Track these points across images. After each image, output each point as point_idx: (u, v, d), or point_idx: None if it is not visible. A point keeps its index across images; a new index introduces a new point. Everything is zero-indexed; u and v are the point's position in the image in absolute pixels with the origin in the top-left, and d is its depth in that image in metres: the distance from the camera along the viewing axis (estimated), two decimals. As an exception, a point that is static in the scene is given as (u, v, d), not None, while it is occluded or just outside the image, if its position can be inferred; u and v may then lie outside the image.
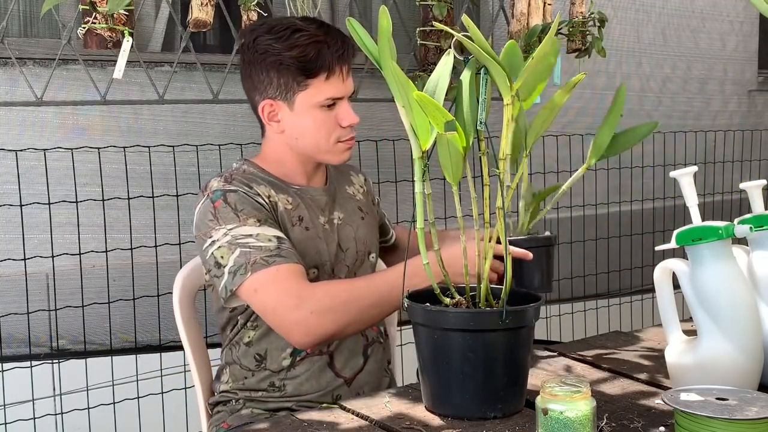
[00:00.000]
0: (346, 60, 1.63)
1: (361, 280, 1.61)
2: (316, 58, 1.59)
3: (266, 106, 1.66)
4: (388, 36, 1.24)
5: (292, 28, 1.61)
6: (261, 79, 1.64)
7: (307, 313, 1.51)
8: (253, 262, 1.53)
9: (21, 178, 2.45)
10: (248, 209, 1.59)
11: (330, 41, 1.60)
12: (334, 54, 1.60)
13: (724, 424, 1.07)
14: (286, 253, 1.56)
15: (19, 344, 2.60)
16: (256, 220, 1.58)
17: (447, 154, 1.26)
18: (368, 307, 1.55)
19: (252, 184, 1.63)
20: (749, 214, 1.50)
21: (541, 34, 2.61)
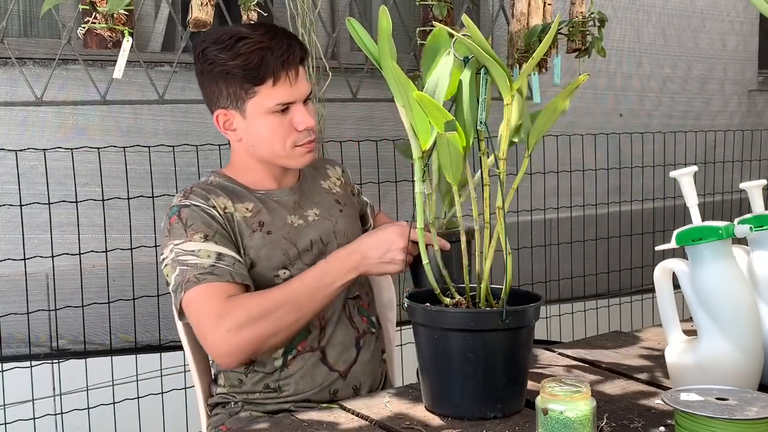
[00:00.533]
0: (292, 64, 1.61)
1: (277, 289, 1.59)
2: (260, 65, 1.58)
3: (220, 116, 1.68)
4: (388, 36, 1.24)
5: (236, 36, 1.60)
6: (212, 90, 1.66)
7: (225, 331, 1.52)
8: (187, 280, 1.56)
9: (21, 178, 2.45)
10: (197, 224, 1.60)
11: (274, 46, 1.59)
12: (278, 59, 1.59)
13: (724, 424, 1.07)
14: (220, 270, 1.56)
15: (19, 344, 2.60)
16: (202, 235, 1.59)
17: (447, 154, 1.26)
18: (287, 314, 1.55)
19: (210, 197, 1.64)
20: (749, 214, 1.50)
21: (541, 34, 2.61)
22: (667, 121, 4.30)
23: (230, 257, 1.59)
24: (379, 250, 1.56)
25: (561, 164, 3.48)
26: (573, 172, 3.59)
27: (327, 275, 1.57)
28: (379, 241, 1.56)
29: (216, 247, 1.58)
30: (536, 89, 2.73)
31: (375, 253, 1.56)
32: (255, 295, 1.57)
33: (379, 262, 1.56)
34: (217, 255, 1.58)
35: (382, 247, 1.55)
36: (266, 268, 1.65)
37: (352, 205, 1.88)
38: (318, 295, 1.57)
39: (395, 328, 2.02)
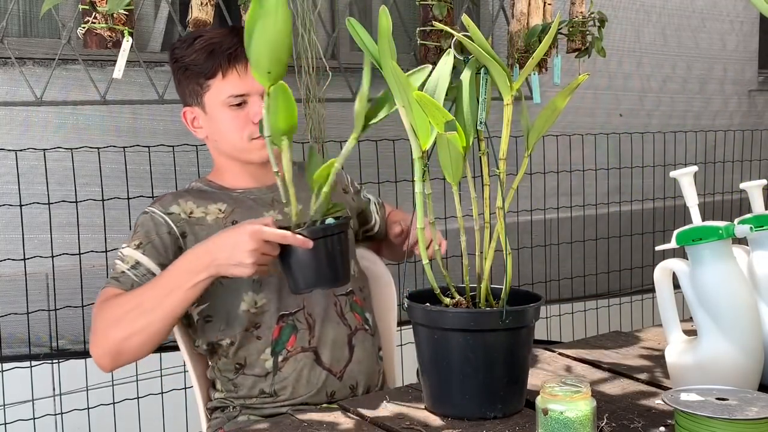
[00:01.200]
0: (241, 57, 1.65)
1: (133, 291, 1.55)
2: (208, 58, 1.66)
3: (187, 113, 1.75)
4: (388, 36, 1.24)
5: (195, 35, 1.71)
6: (179, 88, 1.75)
7: (93, 334, 1.55)
8: (105, 285, 1.61)
9: (21, 178, 2.45)
10: (140, 232, 1.65)
11: (225, 42, 1.66)
12: (225, 53, 1.65)
13: (724, 424, 1.07)
14: (125, 278, 1.59)
15: (19, 344, 2.60)
16: (137, 243, 1.63)
17: (447, 154, 1.26)
18: (137, 318, 1.52)
19: (173, 205, 1.68)
20: (749, 214, 1.50)
21: (541, 34, 2.61)
22: (667, 121, 4.30)
23: (145, 268, 1.60)
24: (226, 252, 1.46)
25: (561, 164, 3.48)
26: (573, 172, 3.59)
27: (176, 277, 1.51)
28: (227, 241, 1.47)
29: (139, 257, 1.61)
30: (536, 89, 2.74)
31: (223, 255, 1.47)
32: (119, 297, 1.55)
33: (227, 264, 1.46)
34: (135, 263, 1.60)
35: (230, 248, 1.46)
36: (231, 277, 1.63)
37: (344, 203, 1.86)
38: (167, 299, 1.50)
39: (395, 328, 2.02)
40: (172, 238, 1.65)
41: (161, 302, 1.50)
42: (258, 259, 1.44)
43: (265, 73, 1.33)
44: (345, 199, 1.90)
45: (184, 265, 1.51)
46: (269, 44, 1.30)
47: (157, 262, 1.61)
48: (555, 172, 3.44)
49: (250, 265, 1.45)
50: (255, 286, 1.65)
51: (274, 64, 1.33)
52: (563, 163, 3.51)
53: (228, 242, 1.46)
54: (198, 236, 1.65)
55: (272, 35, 1.29)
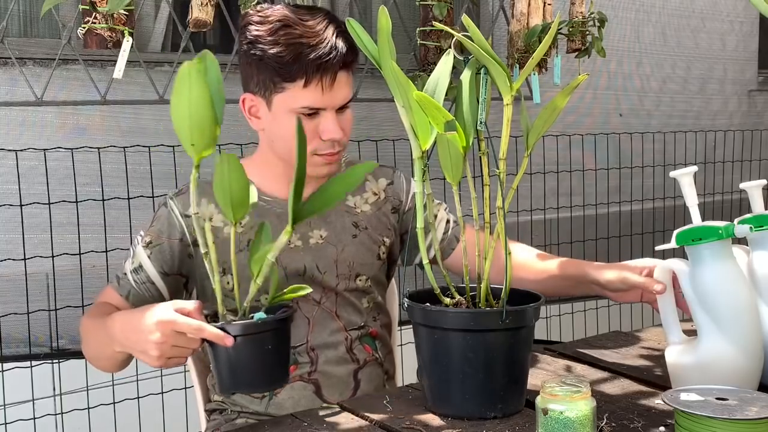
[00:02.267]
0: (330, 69, 1.46)
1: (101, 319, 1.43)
2: (293, 62, 1.45)
3: (247, 99, 1.57)
4: (388, 36, 1.24)
5: (283, 22, 1.46)
6: (246, 70, 1.55)
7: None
8: (114, 275, 1.58)
9: (21, 178, 2.45)
10: (154, 228, 1.57)
11: (317, 46, 1.45)
12: (315, 61, 1.44)
13: (724, 424, 1.07)
14: (125, 283, 1.55)
15: (19, 344, 2.60)
16: (148, 241, 1.56)
17: (447, 154, 1.26)
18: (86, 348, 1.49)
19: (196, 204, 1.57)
20: (749, 214, 1.50)
21: (541, 34, 2.61)
22: (667, 121, 4.30)
23: (145, 275, 1.55)
24: (134, 335, 1.31)
25: (561, 164, 3.48)
26: (573, 172, 3.59)
27: (109, 334, 1.38)
28: (138, 324, 1.30)
29: (144, 259, 1.55)
30: (536, 89, 2.73)
31: (132, 337, 1.32)
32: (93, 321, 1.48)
33: (134, 349, 1.33)
34: (138, 266, 1.55)
35: (138, 332, 1.30)
36: (242, 296, 1.54)
37: (383, 229, 1.68)
38: (107, 349, 1.42)
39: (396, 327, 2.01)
40: (182, 246, 1.56)
41: (104, 350, 1.44)
42: (165, 352, 1.29)
43: (188, 145, 1.23)
44: (386, 223, 1.69)
45: (113, 326, 1.37)
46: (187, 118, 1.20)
47: (159, 269, 1.55)
48: (555, 172, 3.44)
49: (154, 358, 1.29)
50: None
51: (196, 136, 1.22)
52: (563, 163, 3.51)
53: (138, 325, 1.30)
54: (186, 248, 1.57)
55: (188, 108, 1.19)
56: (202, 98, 1.18)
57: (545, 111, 1.32)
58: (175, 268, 1.57)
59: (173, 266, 1.57)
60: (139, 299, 1.55)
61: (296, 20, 1.47)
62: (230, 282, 1.55)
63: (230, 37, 2.51)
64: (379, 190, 1.71)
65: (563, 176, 3.52)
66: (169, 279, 1.57)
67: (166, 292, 1.58)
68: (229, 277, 1.56)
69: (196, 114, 1.19)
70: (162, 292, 1.57)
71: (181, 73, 1.16)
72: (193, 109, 1.18)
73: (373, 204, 1.69)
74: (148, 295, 1.56)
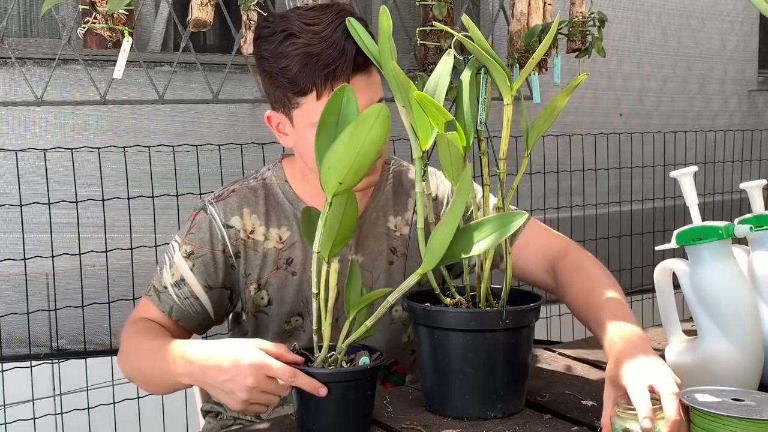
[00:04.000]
0: (341, 76, 1.35)
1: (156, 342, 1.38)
2: (301, 74, 1.36)
3: (273, 117, 1.47)
4: (389, 36, 1.24)
5: (288, 31, 1.37)
6: (264, 88, 1.47)
7: (119, 350, 1.46)
8: (149, 284, 1.51)
9: (21, 178, 2.45)
10: (195, 236, 1.49)
11: (323, 54, 1.34)
12: (322, 71, 1.35)
13: (746, 423, 1.05)
14: (166, 298, 1.48)
15: (19, 344, 2.60)
16: (189, 250, 1.48)
17: (447, 154, 1.26)
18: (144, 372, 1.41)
19: (237, 215, 1.49)
20: (749, 214, 1.50)
21: (541, 34, 2.61)
22: (667, 121, 4.30)
23: (188, 289, 1.47)
24: (220, 375, 1.22)
25: (561, 164, 3.48)
26: (573, 172, 3.59)
27: (167, 364, 1.31)
28: (226, 364, 1.22)
29: (186, 272, 1.47)
30: (536, 89, 2.73)
31: (217, 377, 1.23)
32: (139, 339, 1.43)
33: (217, 389, 1.24)
34: (180, 279, 1.47)
35: (224, 373, 1.22)
36: (278, 311, 1.51)
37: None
38: (156, 379, 1.38)
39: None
40: (224, 257, 1.49)
41: (162, 378, 1.36)
42: (253, 397, 1.22)
43: (334, 182, 1.15)
44: None
45: (178, 358, 1.30)
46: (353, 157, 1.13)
47: (204, 283, 1.47)
48: (555, 172, 3.44)
49: (239, 401, 1.22)
50: (284, 336, 1.52)
51: (350, 176, 1.14)
52: (563, 163, 3.51)
53: (223, 364, 1.22)
54: (249, 261, 1.49)
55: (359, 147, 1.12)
56: (377, 143, 1.13)
57: (545, 111, 1.32)
58: (219, 281, 1.49)
59: (217, 279, 1.49)
60: (183, 315, 1.48)
61: (301, 27, 1.37)
62: (264, 298, 1.51)
63: (230, 37, 2.51)
64: None
65: (563, 176, 3.52)
66: (212, 293, 1.49)
67: (210, 308, 1.50)
68: (263, 292, 1.51)
69: (364, 156, 1.13)
70: (206, 307, 1.50)
71: (369, 112, 1.11)
72: (364, 149, 1.13)
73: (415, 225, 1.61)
74: (191, 310, 1.49)
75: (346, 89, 1.19)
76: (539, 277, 1.55)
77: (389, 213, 1.57)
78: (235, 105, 2.92)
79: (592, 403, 1.37)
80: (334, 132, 1.18)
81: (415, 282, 1.21)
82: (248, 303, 1.53)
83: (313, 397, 1.20)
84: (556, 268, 1.50)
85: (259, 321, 1.54)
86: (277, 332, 1.53)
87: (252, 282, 1.51)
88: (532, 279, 1.56)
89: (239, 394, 1.21)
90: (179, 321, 1.49)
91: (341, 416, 1.21)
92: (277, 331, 1.53)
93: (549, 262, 1.53)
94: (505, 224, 1.17)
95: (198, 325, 1.53)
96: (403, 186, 1.60)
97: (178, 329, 1.50)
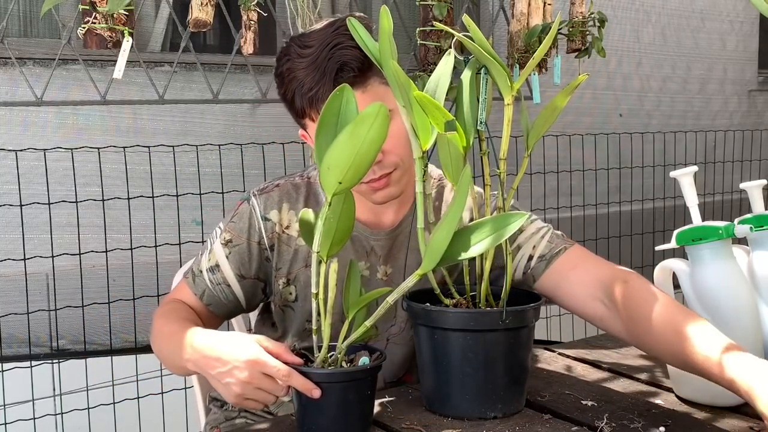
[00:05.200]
0: (321, 99, 1.35)
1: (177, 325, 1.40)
2: (294, 99, 1.41)
3: (303, 136, 1.51)
4: (389, 36, 1.24)
5: (288, 55, 1.41)
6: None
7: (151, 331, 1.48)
8: (189, 268, 1.55)
9: (21, 178, 2.45)
10: (235, 225, 1.51)
11: (308, 77, 1.37)
12: (306, 95, 1.38)
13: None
14: (200, 281, 1.51)
15: (19, 344, 2.60)
16: (228, 237, 1.51)
17: (447, 154, 1.26)
18: (162, 352, 1.44)
19: (275, 209, 1.50)
20: (749, 214, 1.50)
21: (541, 34, 2.61)
22: (666, 121, 4.31)
23: (221, 275, 1.50)
24: (219, 367, 1.25)
25: (561, 164, 3.48)
26: (573, 172, 3.59)
27: (182, 350, 1.33)
28: (227, 356, 1.24)
29: (222, 259, 1.50)
30: (536, 89, 2.73)
31: (217, 367, 1.25)
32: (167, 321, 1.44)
33: (215, 381, 1.27)
34: (215, 265, 1.50)
35: (223, 365, 1.24)
36: (302, 309, 1.54)
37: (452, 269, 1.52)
38: (169, 359, 1.41)
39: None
40: (260, 249, 1.51)
41: (177, 361, 1.37)
42: (247, 393, 1.23)
43: (334, 181, 1.15)
44: None
45: (193, 345, 1.31)
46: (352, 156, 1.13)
47: (237, 271, 1.50)
48: (555, 172, 3.44)
49: (233, 395, 1.24)
50: (303, 335, 1.55)
51: (349, 175, 1.15)
52: (563, 163, 3.51)
53: (224, 356, 1.24)
54: (282, 255, 1.51)
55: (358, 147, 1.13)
56: (376, 142, 1.13)
57: (545, 111, 1.32)
58: (252, 271, 1.52)
59: (250, 269, 1.52)
60: (214, 300, 1.51)
61: (297, 51, 1.40)
62: (292, 293, 1.54)
63: (230, 37, 2.51)
64: None
65: (563, 176, 3.52)
66: (245, 282, 1.52)
67: (242, 296, 1.53)
68: (291, 288, 1.54)
69: (364, 155, 1.13)
70: (237, 295, 1.52)
71: (368, 111, 1.10)
72: (363, 149, 1.13)
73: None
74: (222, 297, 1.51)
75: (345, 89, 1.20)
76: (588, 306, 1.44)
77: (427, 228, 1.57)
78: (235, 105, 2.92)
79: (591, 403, 1.37)
80: (333, 132, 1.19)
81: (414, 282, 1.21)
82: (277, 296, 1.56)
83: (304, 398, 1.21)
84: (614, 296, 1.38)
85: (285, 315, 1.57)
86: (298, 330, 1.56)
87: (282, 276, 1.54)
88: (580, 308, 1.46)
89: (233, 387, 1.23)
90: (210, 306, 1.52)
91: (341, 416, 1.21)
92: (298, 328, 1.56)
93: (603, 289, 1.41)
94: (504, 225, 1.17)
95: (228, 312, 1.56)
96: (443, 202, 1.58)
97: (207, 313, 1.53)
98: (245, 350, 1.23)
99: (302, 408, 1.23)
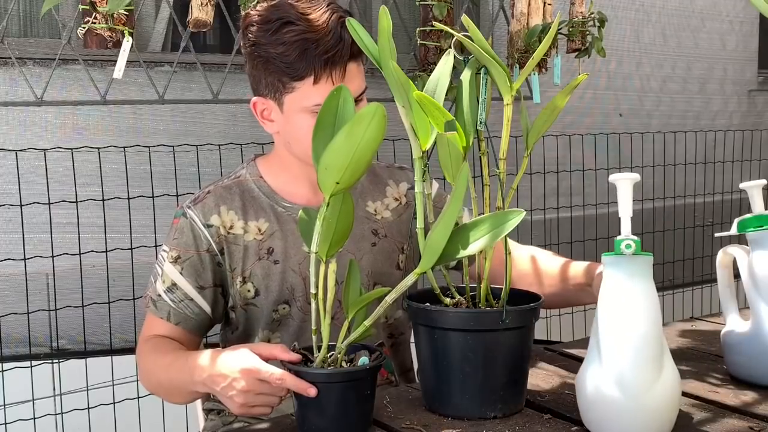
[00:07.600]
0: (339, 62, 1.42)
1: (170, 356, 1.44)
2: (300, 59, 1.41)
3: (258, 103, 1.53)
4: (389, 36, 1.24)
5: (284, 19, 1.42)
6: (252, 74, 1.51)
7: (138, 370, 1.54)
8: (146, 296, 1.56)
9: (21, 178, 2.45)
10: (179, 241, 1.53)
11: (322, 40, 1.41)
12: (322, 56, 1.41)
13: None
14: (162, 305, 1.52)
15: (19, 344, 2.60)
16: (175, 256, 1.53)
17: (447, 154, 1.26)
18: (164, 386, 1.48)
19: (215, 213, 1.53)
20: (749, 214, 1.51)
21: (541, 34, 2.61)
22: (666, 121, 4.30)
23: (182, 292, 1.52)
24: (221, 381, 1.29)
25: (561, 164, 3.48)
26: (573, 172, 3.59)
27: (184, 375, 1.38)
28: (224, 371, 1.28)
29: (176, 277, 1.52)
30: (536, 89, 2.74)
31: (220, 381, 1.29)
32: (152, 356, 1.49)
33: (220, 395, 1.31)
34: (171, 284, 1.52)
35: (224, 379, 1.28)
36: (265, 301, 1.55)
37: (402, 237, 1.65)
38: (175, 390, 1.46)
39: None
40: (210, 256, 1.53)
41: (170, 389, 1.46)
42: (249, 401, 1.28)
43: (332, 181, 1.16)
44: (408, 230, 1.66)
45: (189, 369, 1.36)
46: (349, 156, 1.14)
47: (195, 284, 1.52)
48: (555, 172, 3.44)
49: (238, 405, 1.29)
50: (273, 326, 1.57)
51: (347, 175, 1.15)
52: (563, 163, 3.51)
53: (223, 370, 1.29)
54: (233, 255, 1.54)
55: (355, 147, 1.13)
56: (374, 142, 1.14)
57: (545, 111, 1.32)
58: (209, 280, 1.54)
59: (207, 279, 1.54)
60: (181, 318, 1.53)
61: (298, 15, 1.43)
62: (251, 290, 1.55)
63: (230, 37, 2.51)
64: (400, 194, 1.69)
65: (563, 176, 3.52)
66: (206, 292, 1.54)
67: (207, 307, 1.55)
68: (249, 285, 1.55)
69: (361, 155, 1.14)
70: (202, 306, 1.54)
71: (365, 111, 1.11)
72: (360, 149, 1.13)
73: (394, 210, 1.67)
74: (188, 312, 1.53)
75: (342, 89, 1.21)
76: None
77: (367, 198, 1.64)
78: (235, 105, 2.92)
79: (592, 403, 1.37)
80: (330, 132, 1.19)
81: (413, 281, 1.22)
82: (237, 297, 1.57)
83: (303, 398, 1.21)
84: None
85: (249, 314, 1.58)
86: (267, 322, 1.57)
87: (237, 275, 1.55)
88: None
89: (236, 398, 1.28)
90: (179, 324, 1.53)
91: (341, 416, 1.22)
92: (266, 321, 1.57)
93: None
94: (501, 223, 1.18)
95: (199, 326, 1.57)
96: (377, 176, 1.69)
97: (184, 334, 1.54)
98: (239, 361, 1.27)
99: (302, 408, 1.24)
